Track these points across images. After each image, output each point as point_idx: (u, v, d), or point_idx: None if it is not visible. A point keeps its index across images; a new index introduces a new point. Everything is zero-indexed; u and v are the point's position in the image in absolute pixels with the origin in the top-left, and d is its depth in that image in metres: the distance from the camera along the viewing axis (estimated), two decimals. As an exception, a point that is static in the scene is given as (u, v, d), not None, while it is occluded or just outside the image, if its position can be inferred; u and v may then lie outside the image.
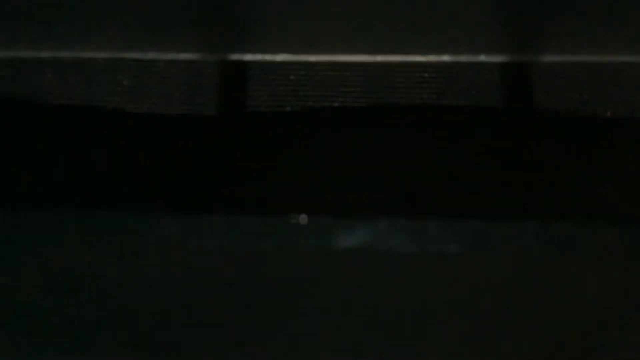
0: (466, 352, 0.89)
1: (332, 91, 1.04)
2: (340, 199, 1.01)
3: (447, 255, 0.95)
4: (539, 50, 1.00)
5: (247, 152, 1.04)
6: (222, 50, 1.07)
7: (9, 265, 0.95)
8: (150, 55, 1.08)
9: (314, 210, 1.00)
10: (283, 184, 1.03)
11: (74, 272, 0.95)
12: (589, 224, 0.94)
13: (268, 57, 1.07)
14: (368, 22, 0.99)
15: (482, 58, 1.01)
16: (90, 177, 1.02)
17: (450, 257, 0.94)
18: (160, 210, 1.00)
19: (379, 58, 1.03)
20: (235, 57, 1.07)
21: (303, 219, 0.89)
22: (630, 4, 0.91)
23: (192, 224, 0.97)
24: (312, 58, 1.05)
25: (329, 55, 1.05)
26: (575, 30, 0.96)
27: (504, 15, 0.96)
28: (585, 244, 0.94)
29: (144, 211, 0.98)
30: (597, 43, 0.97)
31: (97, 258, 0.95)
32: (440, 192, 0.99)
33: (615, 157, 0.96)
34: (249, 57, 1.06)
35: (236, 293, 0.95)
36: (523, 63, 1.00)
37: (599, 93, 0.99)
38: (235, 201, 1.01)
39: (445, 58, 1.02)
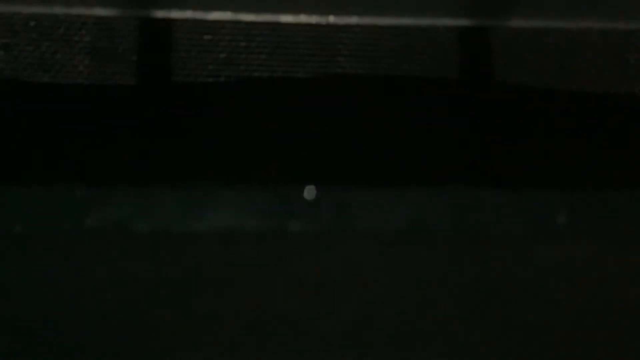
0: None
1: (274, 57, 0.93)
2: (286, 174, 0.93)
3: (404, 231, 0.92)
4: (503, 14, 0.92)
5: (171, 129, 0.92)
6: (142, 5, 0.91)
7: None
8: (57, 9, 0.90)
9: (259, 186, 0.93)
10: (217, 168, 0.93)
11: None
12: (544, 191, 0.94)
13: (198, 15, 0.92)
14: None
15: (445, 22, 0.92)
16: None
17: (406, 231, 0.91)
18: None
19: (330, 19, 0.92)
20: (160, 14, 0.92)
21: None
22: None
23: (100, 196, 0.88)
24: (250, 17, 0.92)
25: (271, 14, 0.92)
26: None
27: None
28: (538, 213, 0.94)
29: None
30: (564, 8, 0.91)
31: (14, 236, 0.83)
32: (395, 162, 0.94)
33: (575, 127, 0.94)
34: (175, 14, 0.92)
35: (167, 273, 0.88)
36: (486, 27, 0.93)
37: (564, 62, 0.94)
38: (164, 180, 0.92)
39: (405, 21, 0.92)
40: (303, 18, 0.90)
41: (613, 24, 0.92)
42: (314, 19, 0.90)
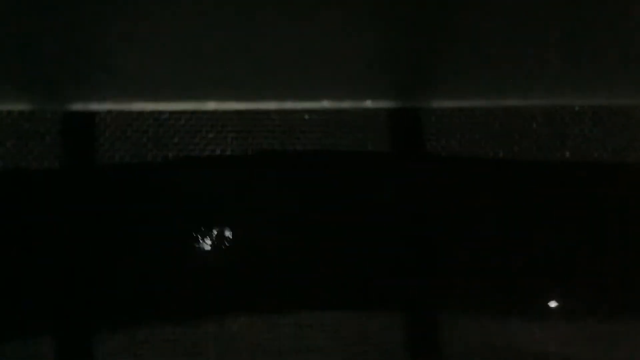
0: None
1: (200, 138, 0.92)
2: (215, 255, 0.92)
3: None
4: (428, 95, 0.91)
5: (96, 210, 0.91)
6: (64, 100, 0.90)
7: None
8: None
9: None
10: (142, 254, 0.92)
11: None
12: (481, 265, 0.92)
13: (121, 107, 0.92)
14: (242, 67, 0.86)
15: (368, 104, 0.91)
16: None
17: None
18: None
19: (253, 105, 0.91)
20: (79, 107, 0.91)
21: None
22: (517, 49, 0.84)
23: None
24: (176, 106, 0.91)
25: (200, 102, 0.91)
26: (465, 75, 0.89)
27: (390, 61, 0.87)
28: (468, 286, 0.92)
29: None
30: (487, 88, 0.91)
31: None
32: (324, 240, 0.92)
33: (508, 199, 0.93)
34: (97, 106, 0.91)
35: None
36: (412, 108, 0.92)
37: (491, 136, 0.93)
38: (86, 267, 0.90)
39: (327, 104, 0.91)
40: (227, 105, 0.90)
41: (537, 101, 0.92)
42: (236, 106, 0.90)
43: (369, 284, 0.90)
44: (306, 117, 0.91)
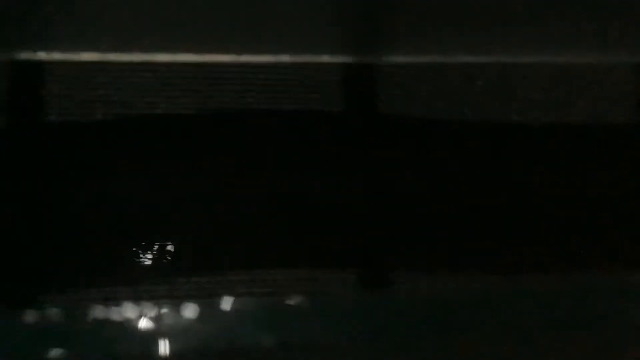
0: None
1: (151, 96, 0.87)
2: (157, 215, 0.87)
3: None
4: (383, 51, 0.90)
5: (45, 172, 0.85)
6: (11, 48, 0.85)
7: None
8: None
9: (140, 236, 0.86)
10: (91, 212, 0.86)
11: None
12: (431, 224, 0.90)
13: (70, 56, 0.87)
14: (195, 18, 0.82)
15: (325, 59, 0.89)
16: None
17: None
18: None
19: (208, 58, 0.87)
20: (27, 55, 0.85)
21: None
22: (472, 6, 0.84)
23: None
24: (126, 57, 0.87)
25: (147, 54, 0.87)
26: (419, 31, 0.88)
27: (347, 15, 0.85)
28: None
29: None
30: (441, 44, 0.90)
31: None
32: (277, 196, 0.88)
33: (460, 158, 0.91)
34: (43, 55, 0.85)
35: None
36: (367, 64, 0.90)
37: (445, 95, 0.92)
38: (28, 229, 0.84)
39: (285, 58, 0.88)
40: (180, 57, 0.86)
41: (493, 58, 0.91)
42: (190, 58, 0.86)
43: (319, 244, 0.86)
44: (261, 76, 0.88)
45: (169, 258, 0.83)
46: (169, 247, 0.82)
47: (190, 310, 0.71)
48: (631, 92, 0.93)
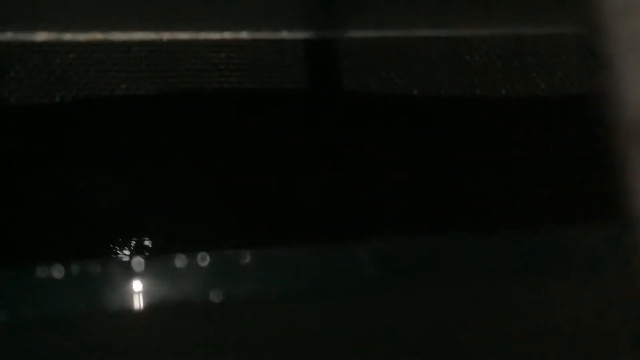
0: None
1: (111, 76, 0.84)
2: (122, 196, 0.83)
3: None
4: (344, 26, 0.89)
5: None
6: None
7: None
8: None
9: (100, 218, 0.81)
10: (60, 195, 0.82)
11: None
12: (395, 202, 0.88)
13: (24, 36, 0.83)
14: None
15: (284, 35, 0.87)
16: None
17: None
18: None
19: (166, 36, 0.85)
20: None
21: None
22: None
23: None
24: (86, 36, 0.84)
25: (105, 32, 0.84)
26: (380, 5, 0.87)
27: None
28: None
29: None
30: (404, 18, 0.89)
31: None
32: (239, 177, 0.85)
33: (425, 132, 0.90)
34: (-1, 36, 0.82)
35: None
36: (328, 39, 0.89)
37: (406, 70, 0.91)
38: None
39: (244, 35, 0.86)
40: (136, 35, 0.83)
41: (453, 31, 0.91)
42: (148, 36, 0.83)
43: (289, 222, 0.83)
44: (222, 55, 0.86)
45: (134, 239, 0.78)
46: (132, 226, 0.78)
47: (140, 266, 0.67)
48: (581, 62, 0.93)
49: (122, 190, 0.80)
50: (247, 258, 0.71)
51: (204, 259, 0.70)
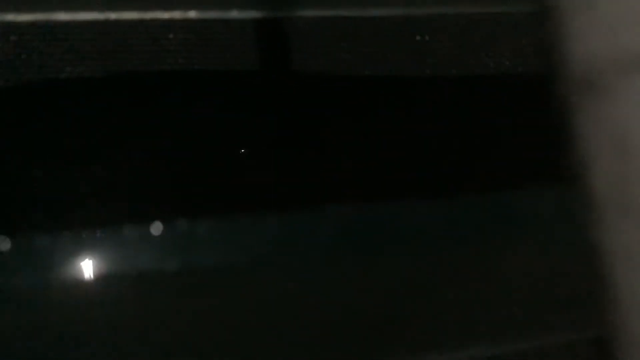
0: None
1: (56, 58, 0.81)
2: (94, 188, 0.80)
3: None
4: (294, 5, 0.87)
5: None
6: None
7: None
8: None
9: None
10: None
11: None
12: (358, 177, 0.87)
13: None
14: None
15: (234, 14, 0.85)
16: None
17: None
18: None
19: (113, 15, 0.82)
20: None
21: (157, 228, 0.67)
22: None
23: None
24: (28, 17, 0.80)
25: (49, 13, 0.81)
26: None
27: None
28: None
29: None
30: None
31: None
32: (191, 164, 0.83)
33: (378, 114, 0.89)
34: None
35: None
36: (278, 19, 0.87)
37: (357, 50, 0.89)
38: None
39: (192, 15, 0.84)
40: (80, 16, 0.80)
41: (403, 10, 0.89)
42: (93, 16, 0.80)
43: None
44: (170, 36, 0.83)
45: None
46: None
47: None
48: (530, 42, 0.92)
49: (68, 173, 0.77)
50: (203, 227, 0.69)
51: (157, 229, 0.68)
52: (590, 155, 0.28)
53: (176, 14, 0.82)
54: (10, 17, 0.77)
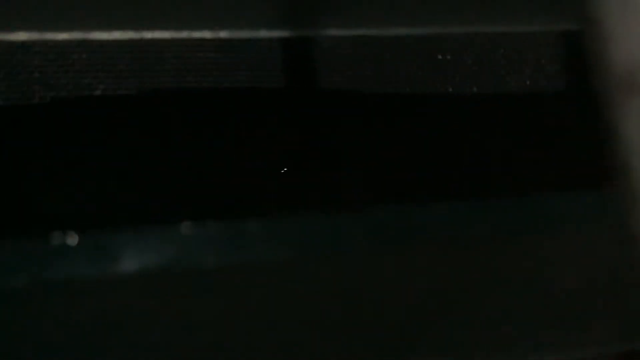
0: None
1: (91, 76, 0.83)
2: (115, 207, 0.82)
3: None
4: (320, 24, 0.89)
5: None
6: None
7: None
8: None
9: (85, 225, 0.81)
10: (38, 198, 0.81)
11: None
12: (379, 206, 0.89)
13: (2, 36, 0.82)
14: None
15: (263, 34, 0.88)
16: None
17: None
18: None
19: (146, 35, 0.85)
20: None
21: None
22: None
23: None
24: (62, 36, 0.83)
25: (82, 32, 0.83)
26: (357, 3, 0.88)
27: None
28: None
29: None
30: (377, 16, 0.90)
31: None
32: (229, 183, 0.85)
33: (402, 132, 0.91)
34: (-25, 35, 0.80)
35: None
36: (304, 38, 0.89)
37: (381, 68, 0.92)
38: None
39: (223, 34, 0.86)
40: (115, 35, 0.82)
41: (426, 30, 0.92)
42: (127, 35, 0.83)
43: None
44: (200, 54, 0.85)
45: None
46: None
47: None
48: (550, 60, 0.95)
49: (101, 187, 0.79)
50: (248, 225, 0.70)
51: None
52: (633, 154, 0.30)
53: (207, 34, 0.84)
54: (50, 35, 0.80)
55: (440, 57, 0.92)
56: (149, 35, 0.83)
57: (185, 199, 0.80)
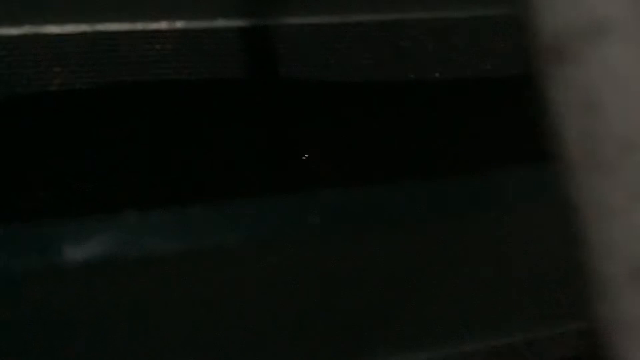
0: None
1: (43, 71, 0.82)
2: (68, 199, 0.81)
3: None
4: (279, 12, 0.88)
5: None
6: None
7: None
8: None
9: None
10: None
11: None
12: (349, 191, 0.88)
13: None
14: None
15: (220, 23, 0.87)
16: None
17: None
18: None
19: (100, 27, 0.84)
20: None
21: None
22: None
23: None
24: (13, 31, 0.82)
25: (36, 26, 0.82)
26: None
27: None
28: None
29: None
30: (337, 3, 0.89)
31: None
32: (185, 170, 0.84)
33: (364, 118, 0.90)
34: None
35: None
36: (264, 27, 0.88)
37: (342, 55, 0.91)
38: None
39: (179, 25, 0.85)
40: (71, 28, 0.81)
41: (386, 16, 0.91)
42: (80, 28, 0.81)
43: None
44: (158, 46, 0.84)
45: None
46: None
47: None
48: (511, 45, 0.94)
49: (56, 185, 0.78)
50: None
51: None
52: (562, 118, 0.30)
53: (163, 25, 0.83)
54: (0, 31, 0.78)
55: (401, 43, 0.91)
56: (102, 27, 0.81)
57: (135, 188, 0.78)
